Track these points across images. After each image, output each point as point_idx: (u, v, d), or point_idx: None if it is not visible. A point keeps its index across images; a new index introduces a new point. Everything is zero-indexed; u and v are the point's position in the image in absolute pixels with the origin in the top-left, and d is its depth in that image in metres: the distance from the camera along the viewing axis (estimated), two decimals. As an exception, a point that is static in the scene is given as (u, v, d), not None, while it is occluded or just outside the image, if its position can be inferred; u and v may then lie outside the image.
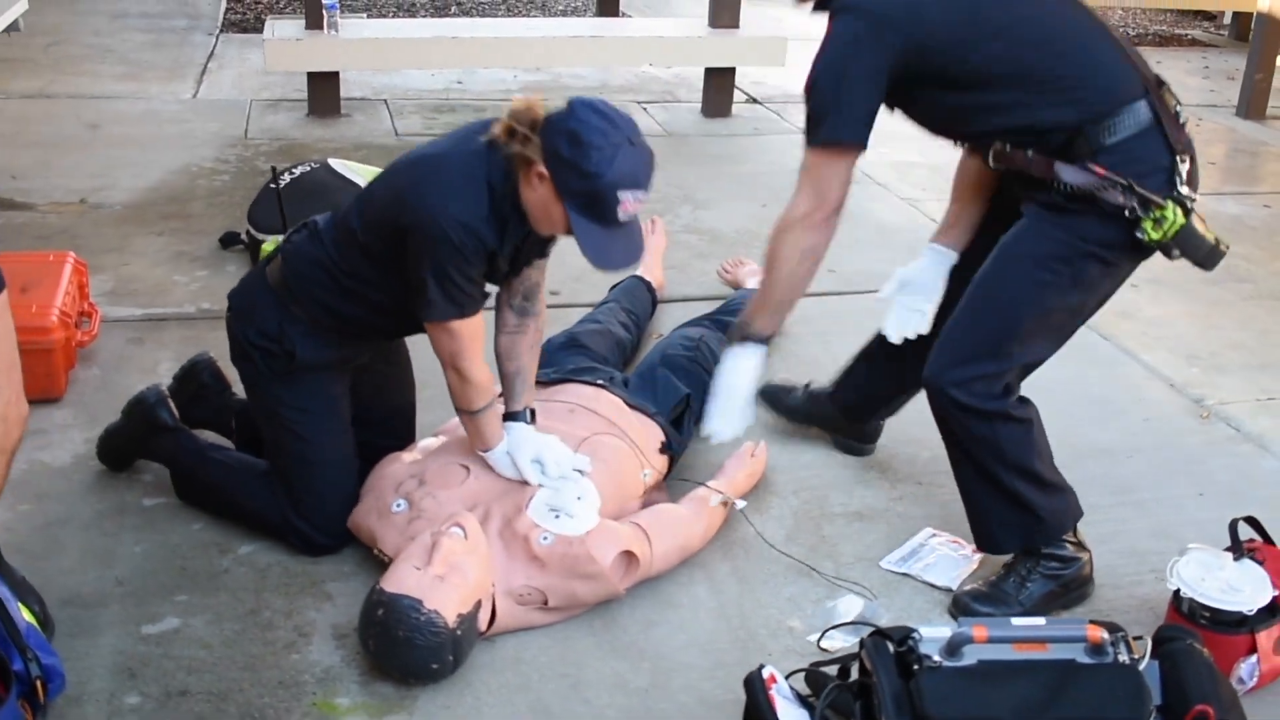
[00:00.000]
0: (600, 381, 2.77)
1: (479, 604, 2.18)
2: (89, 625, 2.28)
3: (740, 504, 2.65)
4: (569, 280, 3.88)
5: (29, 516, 2.57)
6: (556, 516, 2.33)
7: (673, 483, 2.74)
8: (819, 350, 3.52)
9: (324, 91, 5.39)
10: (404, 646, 2.10)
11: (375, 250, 2.30)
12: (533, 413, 2.49)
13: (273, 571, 2.46)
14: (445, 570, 2.13)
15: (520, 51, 5.51)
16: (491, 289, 2.42)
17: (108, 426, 2.72)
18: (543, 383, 2.78)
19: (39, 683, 1.92)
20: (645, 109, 5.90)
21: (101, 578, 2.41)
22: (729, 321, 3.29)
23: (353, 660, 2.23)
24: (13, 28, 5.60)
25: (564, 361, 2.92)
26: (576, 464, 2.44)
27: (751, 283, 3.72)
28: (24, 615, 2.02)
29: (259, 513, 2.51)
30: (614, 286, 3.54)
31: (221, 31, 6.97)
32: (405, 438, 2.69)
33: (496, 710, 2.14)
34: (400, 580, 2.12)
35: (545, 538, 2.29)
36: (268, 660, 2.22)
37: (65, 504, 2.62)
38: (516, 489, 2.40)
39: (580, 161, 2.10)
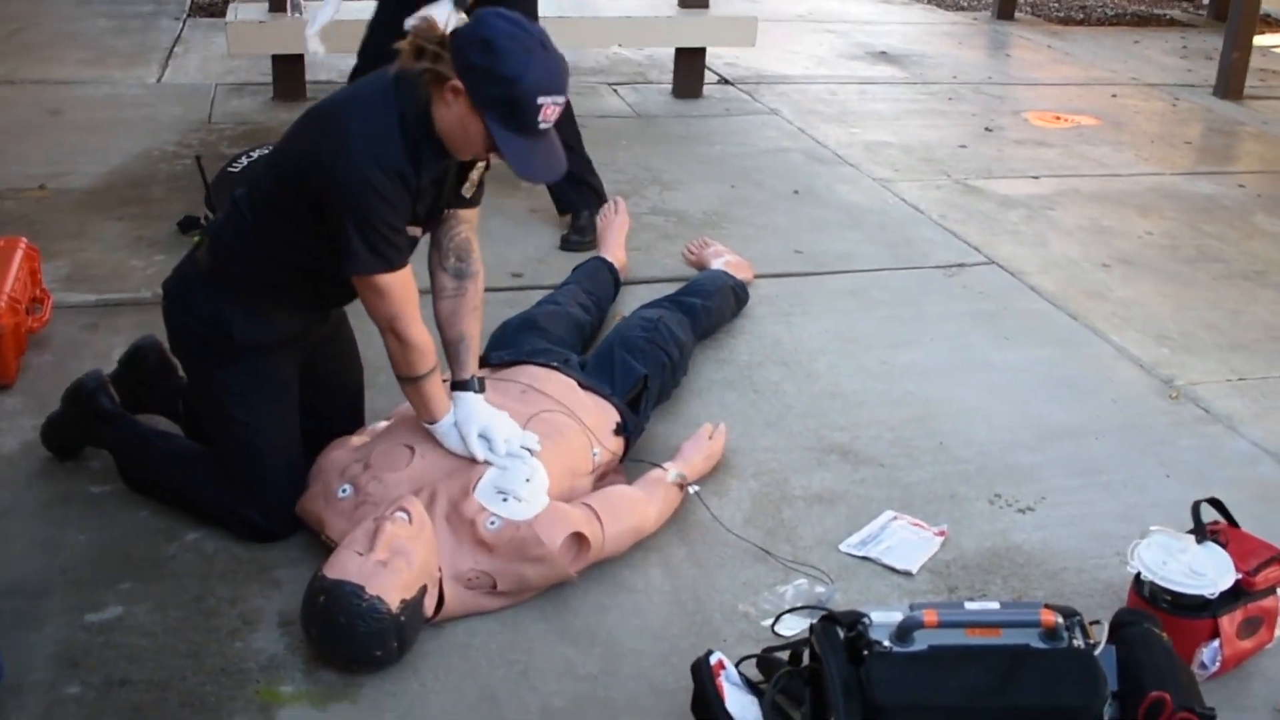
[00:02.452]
0: (555, 364, 2.72)
1: (424, 589, 2.14)
2: (31, 615, 2.23)
3: (694, 488, 2.61)
4: (531, 261, 3.85)
5: (-29, 505, 2.52)
6: (505, 500, 2.29)
7: (629, 465, 2.70)
8: (781, 330, 3.48)
9: (288, 75, 5.32)
10: (346, 633, 2.05)
11: (293, 210, 2.23)
12: (481, 382, 2.43)
13: (219, 558, 2.41)
14: (388, 555, 2.09)
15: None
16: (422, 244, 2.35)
17: (50, 415, 2.66)
18: (496, 365, 2.74)
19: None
20: (616, 90, 5.85)
21: (45, 567, 2.36)
22: (690, 303, 3.26)
23: (297, 648, 2.18)
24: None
25: (520, 343, 2.87)
26: (525, 442, 2.39)
27: (716, 264, 3.68)
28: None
29: (204, 500, 2.46)
30: (576, 268, 3.49)
31: (189, 16, 6.89)
32: (353, 421, 2.64)
33: (443, 697, 2.10)
34: (342, 566, 2.08)
35: (492, 522, 2.25)
36: (211, 648, 2.18)
37: (11, 492, 2.57)
38: (463, 470, 2.35)
39: (495, 67, 2.04)
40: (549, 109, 2.08)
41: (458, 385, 2.42)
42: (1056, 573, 2.51)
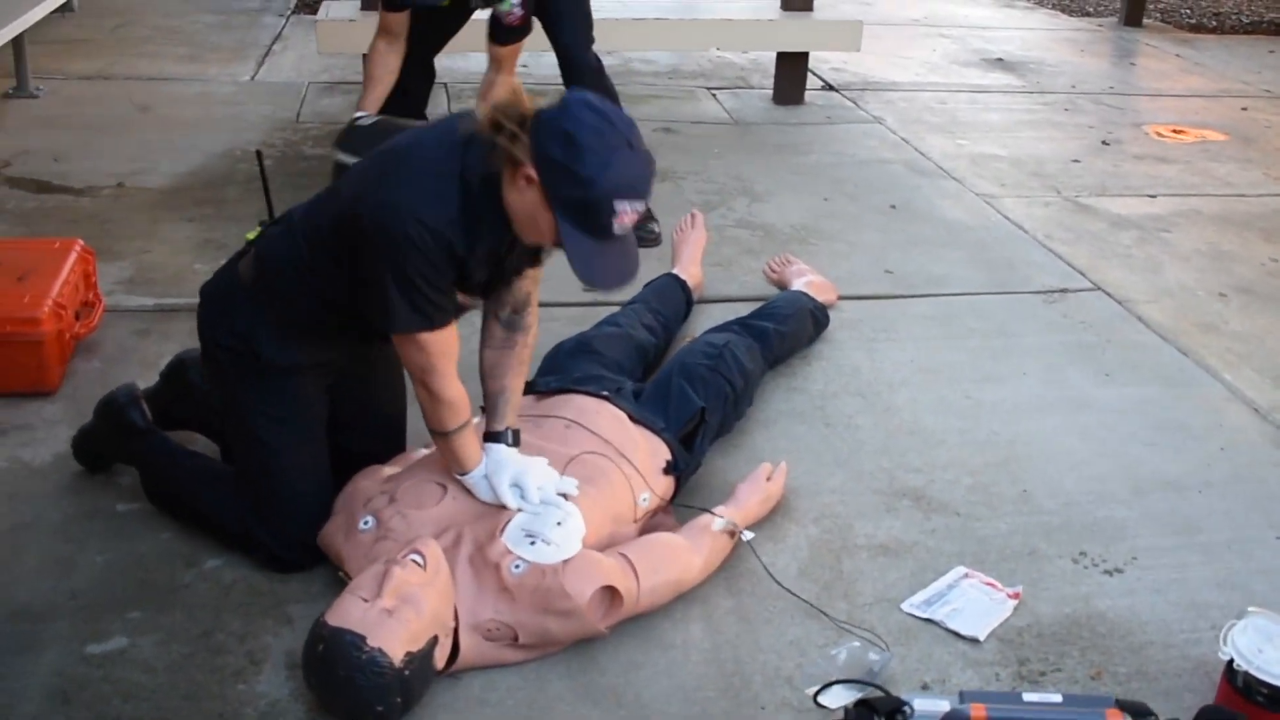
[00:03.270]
0: (605, 392, 2.55)
1: (434, 640, 1.98)
2: (33, 641, 2.13)
3: (747, 535, 2.41)
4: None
5: (-4, 519, 2.45)
6: (533, 543, 2.12)
7: (678, 506, 2.51)
8: (861, 358, 3.26)
9: (380, 74, 5.23)
10: (345, 686, 1.91)
11: (340, 251, 2.11)
12: (515, 434, 2.28)
13: (236, 589, 2.29)
14: (395, 603, 1.94)
15: (608, 32, 5.27)
16: (473, 300, 2.21)
17: (81, 427, 2.58)
18: (542, 392, 2.58)
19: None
20: (715, 95, 5.65)
21: (55, 589, 2.26)
22: (762, 327, 3.05)
23: (301, 694, 2.04)
24: (66, 8, 5.55)
25: (571, 368, 2.70)
26: (561, 488, 2.23)
27: (797, 284, 3.47)
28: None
29: (226, 524, 2.35)
30: (647, 285, 3.32)
31: (293, 13, 6.88)
32: (392, 448, 2.50)
33: (450, 759, 1.95)
34: (344, 613, 1.93)
35: (517, 566, 2.08)
36: (211, 690, 2.05)
37: (36, 507, 2.48)
38: (493, 513, 2.19)
39: (574, 166, 1.89)
40: (626, 215, 1.93)
41: (490, 436, 2.26)
42: (1141, 646, 2.26)
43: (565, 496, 2.22)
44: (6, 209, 3.94)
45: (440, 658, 2.01)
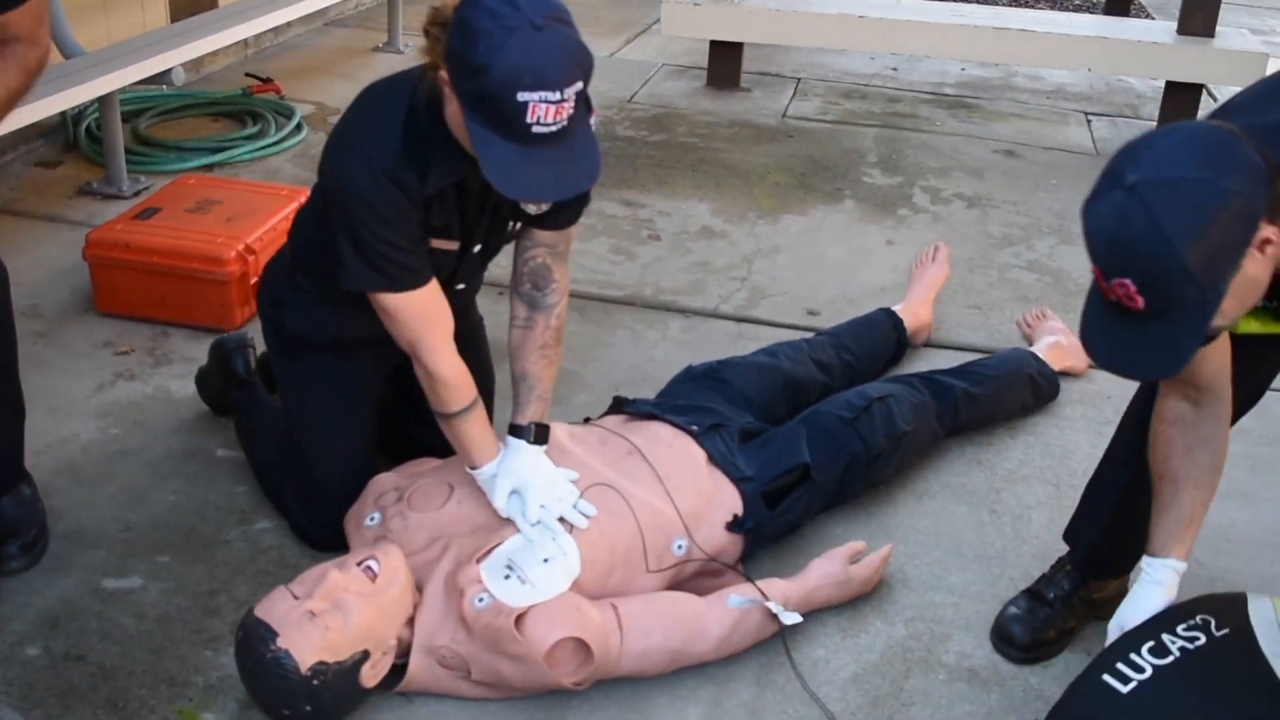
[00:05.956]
0: (694, 427, 2.29)
1: (362, 656, 1.84)
2: (64, 562, 2.22)
3: (790, 619, 2.07)
4: (839, 301, 3.35)
5: (113, 440, 2.57)
6: (507, 577, 1.93)
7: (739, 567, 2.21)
8: (1081, 442, 2.75)
9: (723, 61, 5.12)
10: (251, 680, 1.83)
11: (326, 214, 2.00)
12: (540, 431, 2.08)
13: (266, 557, 2.27)
14: (324, 607, 1.82)
15: (957, 40, 4.87)
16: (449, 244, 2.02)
17: (200, 367, 2.66)
18: (632, 414, 2.36)
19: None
20: (1089, 120, 5.05)
21: (114, 518, 2.34)
22: (948, 385, 2.64)
23: (250, 678, 1.98)
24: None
25: (679, 394, 2.46)
26: (566, 512, 2.01)
27: (1041, 343, 3.00)
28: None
29: (275, 489, 2.34)
30: (858, 318, 2.98)
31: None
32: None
33: (355, 785, 1.81)
34: (270, 605, 1.84)
35: (481, 599, 1.90)
36: (179, 651, 2.03)
37: (149, 436, 2.59)
38: (489, 530, 2.02)
39: (466, 53, 1.65)
40: (540, 108, 1.65)
41: (511, 430, 2.08)
42: None
43: (571, 525, 2.01)
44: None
45: (372, 676, 1.87)
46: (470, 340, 2.28)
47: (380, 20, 5.56)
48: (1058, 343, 2.99)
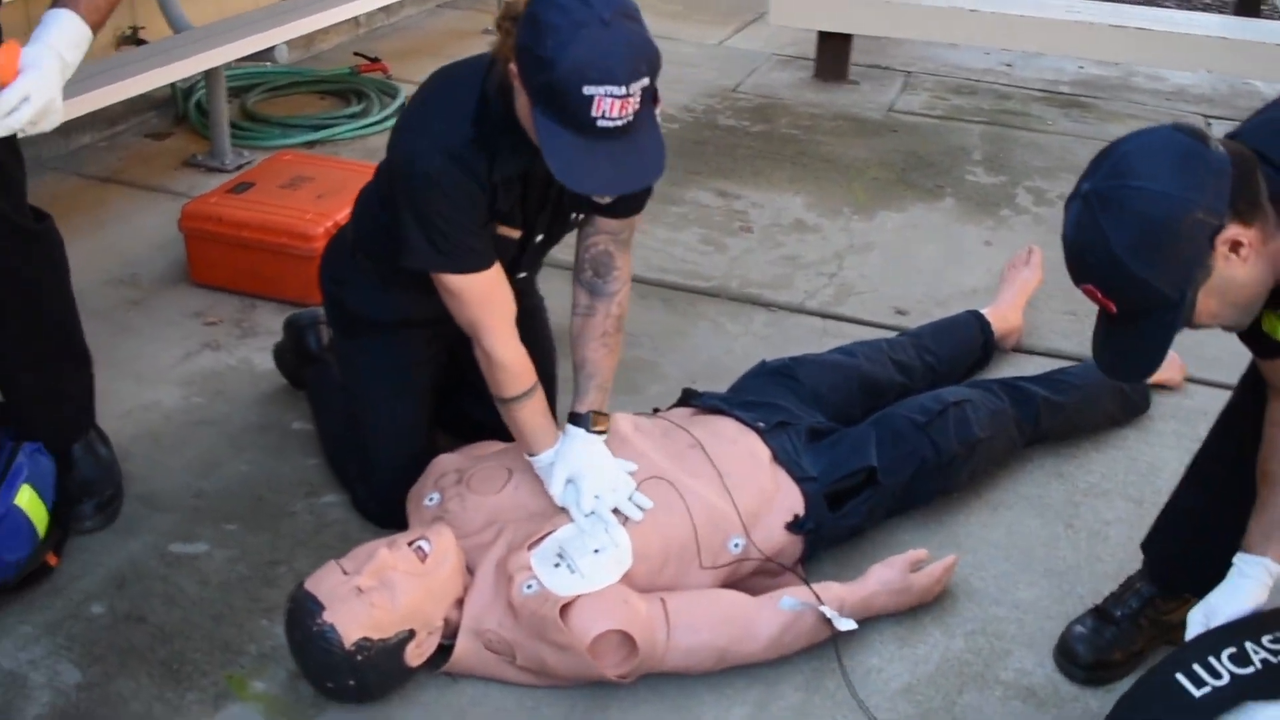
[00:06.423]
0: (761, 424, 2.26)
1: (408, 635, 1.85)
2: (136, 525, 2.27)
3: (845, 625, 2.02)
4: (928, 302, 3.28)
5: (194, 409, 2.63)
6: (556, 565, 1.93)
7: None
8: (1169, 457, 2.65)
9: (831, 53, 5.03)
10: (299, 651, 1.86)
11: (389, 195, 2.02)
12: (597, 418, 2.08)
13: (329, 531, 2.30)
14: (372, 584, 1.84)
15: (1071, 36, 4.73)
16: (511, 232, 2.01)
17: (277, 342, 2.70)
18: (699, 408, 2.33)
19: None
20: (1209, 125, 4.86)
21: (188, 485, 2.39)
22: (1031, 392, 2.57)
23: (302, 650, 2.01)
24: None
25: (750, 389, 2.42)
26: (621, 504, 2.00)
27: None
28: (19, 503, 2.04)
29: (340, 464, 2.37)
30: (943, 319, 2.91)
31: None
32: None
33: (395, 764, 1.83)
34: (319, 579, 1.87)
35: (530, 585, 1.90)
36: (237, 619, 2.08)
37: (228, 407, 2.64)
38: (546, 515, 2.02)
39: (535, 47, 1.67)
40: (605, 102, 1.66)
41: (571, 418, 2.08)
42: None
43: (626, 517, 1.99)
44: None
45: (417, 656, 1.88)
46: (531, 321, 2.29)
47: (491, 2, 5.60)
48: (1153, 354, 2.88)
